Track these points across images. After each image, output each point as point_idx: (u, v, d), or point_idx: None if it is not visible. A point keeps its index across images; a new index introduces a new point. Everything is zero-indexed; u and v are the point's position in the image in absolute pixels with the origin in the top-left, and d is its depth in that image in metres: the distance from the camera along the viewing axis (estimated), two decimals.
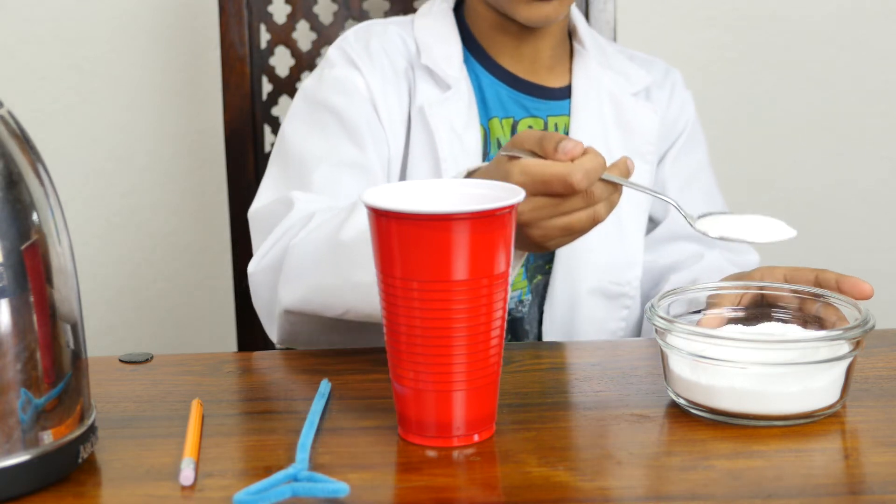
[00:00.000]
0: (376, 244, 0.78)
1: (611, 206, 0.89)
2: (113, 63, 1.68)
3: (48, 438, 0.73)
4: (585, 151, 0.86)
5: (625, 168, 0.89)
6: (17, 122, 0.74)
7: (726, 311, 0.94)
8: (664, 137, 1.33)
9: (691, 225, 0.92)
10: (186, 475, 0.74)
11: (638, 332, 1.30)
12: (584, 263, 1.25)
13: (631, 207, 1.27)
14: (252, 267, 1.12)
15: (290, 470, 0.74)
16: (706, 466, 0.76)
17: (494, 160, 0.91)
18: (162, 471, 0.76)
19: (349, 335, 1.07)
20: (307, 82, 1.28)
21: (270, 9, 1.47)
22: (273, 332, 1.12)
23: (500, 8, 1.23)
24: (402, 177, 1.25)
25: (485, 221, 0.76)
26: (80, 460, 0.75)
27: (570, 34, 1.33)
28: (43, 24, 1.66)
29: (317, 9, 1.49)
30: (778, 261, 1.09)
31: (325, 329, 1.07)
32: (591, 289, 1.25)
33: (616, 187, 0.88)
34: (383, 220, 0.77)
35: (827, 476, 0.75)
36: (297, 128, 1.23)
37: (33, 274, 0.71)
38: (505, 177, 0.87)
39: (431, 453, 0.79)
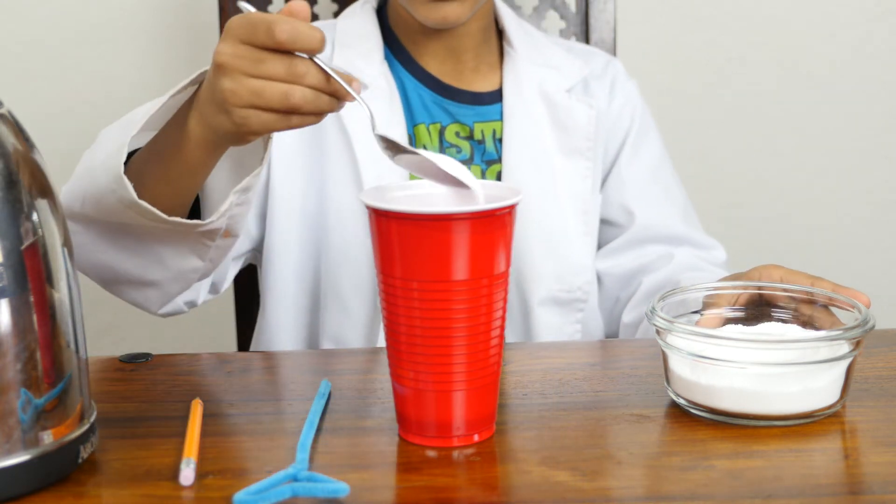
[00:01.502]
0: (376, 244, 0.78)
1: (306, 97, 0.82)
2: (113, 63, 1.68)
3: (48, 438, 0.73)
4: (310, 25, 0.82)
5: (348, 81, 0.83)
6: (17, 122, 0.74)
7: (725, 311, 0.94)
8: (611, 132, 1.31)
9: (391, 157, 0.84)
10: (186, 475, 0.74)
11: (601, 334, 1.30)
12: (530, 277, 1.24)
13: (572, 211, 1.26)
14: None
15: (290, 470, 0.74)
16: (706, 466, 0.76)
17: None
18: (162, 471, 0.76)
19: (118, 243, 1.01)
20: None
21: (270, 9, 1.47)
22: None
23: (405, 7, 1.21)
24: (321, 180, 1.23)
25: (485, 221, 0.76)
26: (80, 460, 0.75)
27: (501, 36, 1.31)
28: (43, 24, 1.67)
29: (317, 9, 1.49)
30: (778, 258, 1.09)
31: (95, 237, 1.02)
32: (542, 298, 1.25)
33: (321, 81, 0.82)
34: (383, 220, 0.77)
35: (827, 476, 0.75)
36: None
37: (33, 274, 0.71)
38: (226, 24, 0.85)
39: (431, 453, 0.79)
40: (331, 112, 0.85)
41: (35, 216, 0.72)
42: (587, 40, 1.48)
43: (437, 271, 0.76)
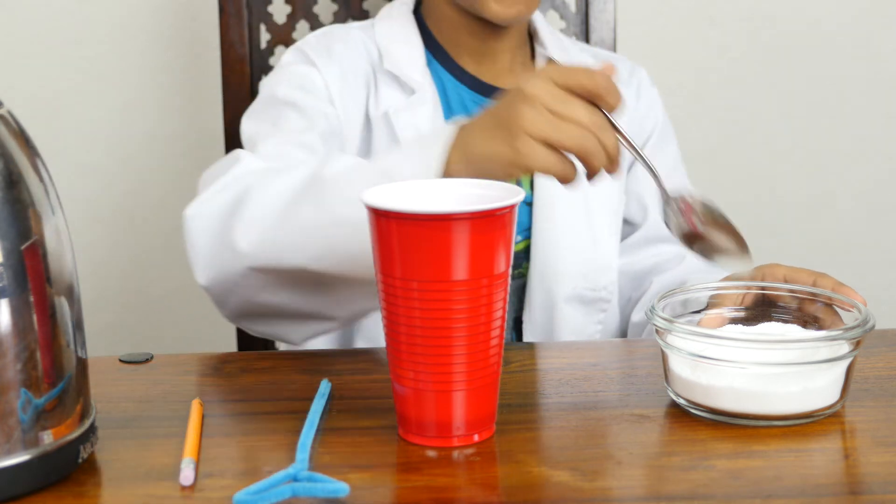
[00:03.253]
0: (376, 244, 0.78)
1: (597, 148, 0.85)
2: (113, 63, 1.68)
3: (48, 438, 0.73)
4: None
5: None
6: (17, 122, 0.74)
7: (727, 311, 0.94)
8: (636, 134, 1.32)
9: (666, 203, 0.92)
10: (186, 475, 0.74)
11: (617, 334, 1.30)
12: (558, 272, 1.24)
13: (602, 211, 1.27)
14: (191, 210, 1.01)
15: (290, 470, 0.74)
16: (706, 466, 0.76)
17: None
18: (162, 471, 0.76)
19: (304, 287, 0.98)
20: (264, 82, 1.27)
21: (270, 9, 1.47)
22: (203, 275, 1.01)
23: (468, 6, 1.21)
24: None
25: (485, 221, 0.76)
26: (80, 460, 0.75)
27: (532, 37, 1.32)
28: (43, 24, 1.66)
29: (317, 9, 1.49)
30: (778, 258, 1.09)
31: (275, 280, 0.98)
32: (568, 296, 1.25)
33: (612, 141, 0.85)
34: (383, 220, 0.77)
35: (827, 476, 0.75)
36: (254, 123, 1.19)
37: (33, 274, 0.71)
38: (537, 72, 0.86)
39: (431, 453, 0.79)
40: (594, 175, 0.87)
41: (35, 216, 0.72)
42: (587, 40, 1.48)
43: (437, 271, 0.76)
